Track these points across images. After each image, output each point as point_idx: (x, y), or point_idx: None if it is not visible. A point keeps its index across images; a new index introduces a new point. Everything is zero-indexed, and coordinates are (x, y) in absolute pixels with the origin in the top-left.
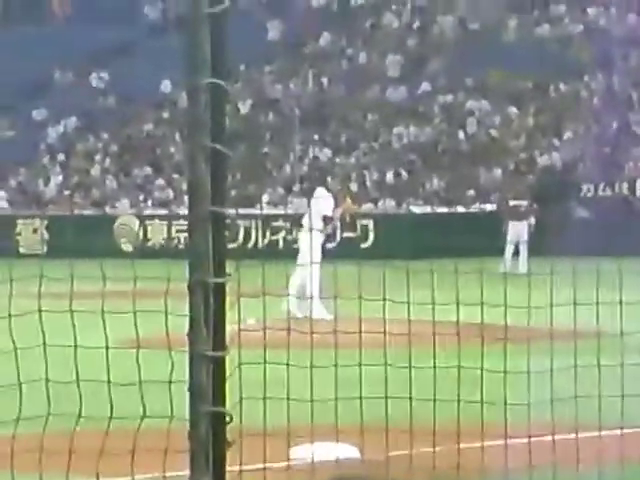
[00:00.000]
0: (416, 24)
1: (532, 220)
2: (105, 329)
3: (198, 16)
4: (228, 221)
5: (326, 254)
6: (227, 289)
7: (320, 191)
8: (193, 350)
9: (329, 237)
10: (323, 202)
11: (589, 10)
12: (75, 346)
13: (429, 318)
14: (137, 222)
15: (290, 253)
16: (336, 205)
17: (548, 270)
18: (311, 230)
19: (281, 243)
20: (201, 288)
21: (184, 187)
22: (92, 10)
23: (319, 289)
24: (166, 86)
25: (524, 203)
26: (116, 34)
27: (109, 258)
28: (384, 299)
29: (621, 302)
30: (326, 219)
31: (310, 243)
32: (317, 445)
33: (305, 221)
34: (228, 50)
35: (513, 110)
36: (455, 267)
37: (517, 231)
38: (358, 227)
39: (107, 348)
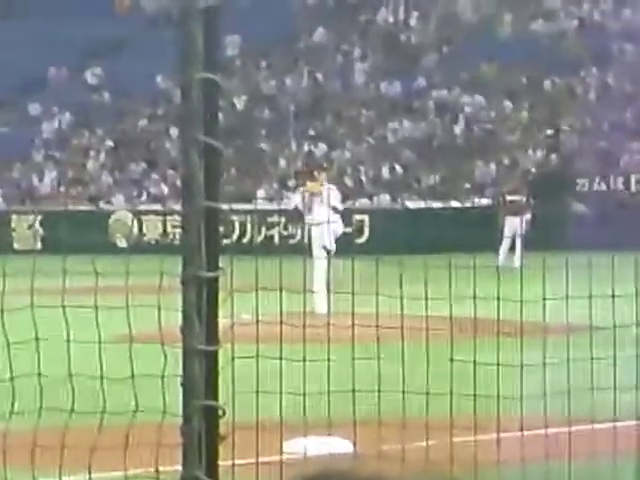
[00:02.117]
0: (411, 19)
1: (528, 215)
2: (98, 324)
3: (191, 11)
4: (222, 216)
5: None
6: (220, 284)
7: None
8: (186, 344)
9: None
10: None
11: (584, 5)
12: (68, 341)
13: (423, 313)
14: (132, 217)
15: (285, 248)
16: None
17: (542, 265)
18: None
19: (277, 238)
20: (194, 282)
21: (179, 183)
22: (86, 5)
23: (327, 282)
24: (161, 82)
25: (520, 198)
26: (110, 29)
27: (104, 254)
28: (377, 294)
29: (614, 295)
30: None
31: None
32: (310, 439)
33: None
34: (221, 45)
35: (508, 105)
36: (449, 262)
37: (513, 226)
38: (353, 222)
39: (100, 343)
